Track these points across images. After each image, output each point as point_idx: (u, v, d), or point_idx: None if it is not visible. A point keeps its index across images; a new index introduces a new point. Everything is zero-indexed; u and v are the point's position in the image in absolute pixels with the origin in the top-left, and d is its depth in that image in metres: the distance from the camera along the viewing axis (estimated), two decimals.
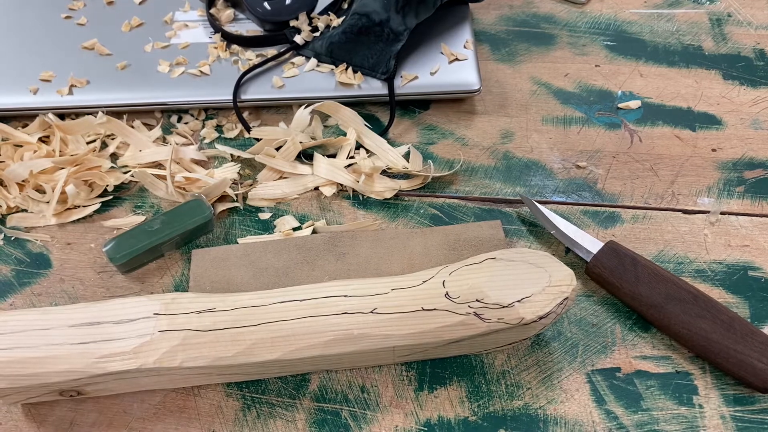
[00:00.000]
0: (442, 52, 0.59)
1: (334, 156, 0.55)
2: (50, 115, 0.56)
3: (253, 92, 0.58)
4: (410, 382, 0.44)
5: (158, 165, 0.55)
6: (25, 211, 0.52)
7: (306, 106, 0.56)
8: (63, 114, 0.57)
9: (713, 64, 0.62)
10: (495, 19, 0.67)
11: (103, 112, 0.56)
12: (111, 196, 0.54)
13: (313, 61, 0.59)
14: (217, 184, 0.52)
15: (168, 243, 0.49)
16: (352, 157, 0.55)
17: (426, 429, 0.43)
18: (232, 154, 0.55)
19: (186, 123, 0.58)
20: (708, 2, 0.68)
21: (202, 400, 0.44)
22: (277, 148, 0.55)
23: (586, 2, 0.68)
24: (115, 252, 0.48)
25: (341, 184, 0.54)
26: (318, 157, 0.54)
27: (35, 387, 0.40)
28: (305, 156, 0.55)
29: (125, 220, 0.52)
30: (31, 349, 0.39)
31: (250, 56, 0.60)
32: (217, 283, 0.48)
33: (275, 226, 0.52)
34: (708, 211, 0.52)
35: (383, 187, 0.53)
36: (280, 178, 0.55)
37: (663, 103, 0.59)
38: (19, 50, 0.60)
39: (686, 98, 0.60)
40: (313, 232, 0.51)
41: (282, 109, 0.59)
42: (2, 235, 0.51)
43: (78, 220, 0.52)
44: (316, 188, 0.54)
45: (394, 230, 0.51)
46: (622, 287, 0.46)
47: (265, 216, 0.53)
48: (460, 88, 0.58)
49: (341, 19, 0.60)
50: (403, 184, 0.54)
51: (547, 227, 0.50)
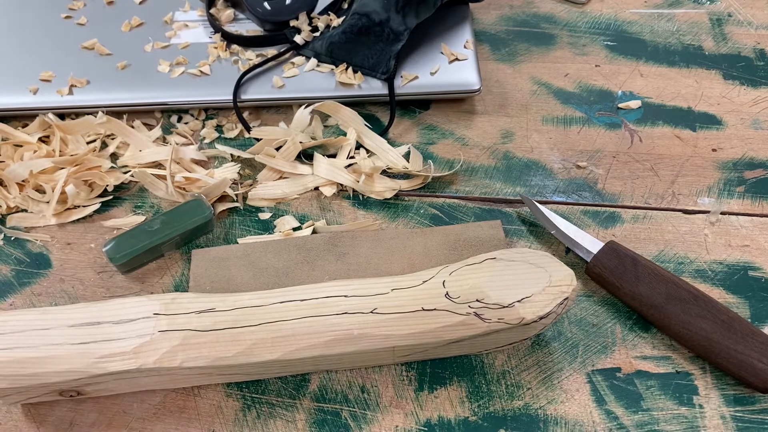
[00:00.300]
0: (442, 52, 0.59)
1: (334, 156, 0.55)
2: (50, 115, 0.56)
3: (253, 92, 0.58)
4: (410, 382, 0.44)
5: (158, 165, 0.55)
6: (25, 211, 0.52)
7: (306, 106, 0.56)
8: (63, 114, 0.57)
9: (713, 64, 0.62)
10: (495, 19, 0.66)
11: (103, 112, 0.56)
12: (111, 196, 0.53)
13: (313, 61, 0.59)
14: (217, 184, 0.52)
15: (168, 243, 0.49)
16: (352, 157, 0.55)
17: (426, 429, 0.43)
18: (232, 154, 0.55)
19: (186, 123, 0.58)
20: (708, 2, 0.68)
21: (202, 400, 0.44)
22: (277, 148, 0.55)
23: (586, 2, 0.68)
24: (115, 252, 0.48)
25: (341, 184, 0.54)
26: (318, 157, 0.54)
27: (35, 387, 0.40)
28: (305, 156, 0.55)
29: (125, 220, 0.52)
30: (31, 349, 0.39)
31: (250, 56, 0.60)
32: (217, 283, 0.48)
33: (275, 226, 0.52)
34: (708, 211, 0.52)
35: (383, 187, 0.53)
36: (280, 178, 0.55)
37: (663, 103, 0.59)
38: (19, 50, 0.60)
39: (686, 98, 0.60)
40: (313, 232, 0.51)
41: (282, 109, 0.59)
42: (2, 235, 0.51)
43: (78, 220, 0.52)
44: (316, 188, 0.54)
45: (394, 230, 0.51)
46: (623, 287, 0.46)
47: (265, 216, 0.53)
48: (460, 88, 0.58)
49: (341, 19, 0.60)
50: (403, 184, 0.54)
51: (548, 227, 0.50)
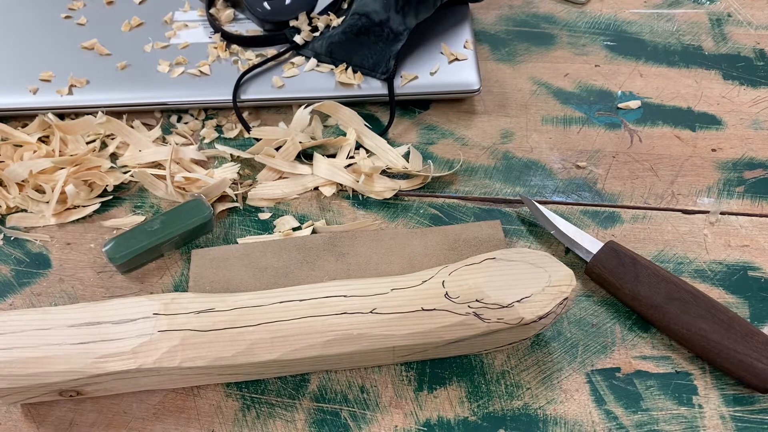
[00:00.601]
0: (441, 52, 0.59)
1: (333, 156, 0.55)
2: (50, 115, 0.56)
3: (253, 92, 0.58)
4: (410, 383, 0.44)
5: (158, 165, 0.55)
6: (25, 211, 0.52)
7: (306, 106, 0.56)
8: (63, 114, 0.57)
9: (713, 64, 0.62)
10: (495, 19, 0.66)
11: (103, 112, 0.56)
12: (111, 196, 0.53)
13: (313, 61, 0.59)
14: (217, 184, 0.52)
15: (168, 243, 0.49)
16: (352, 157, 0.55)
17: (426, 429, 0.43)
18: (231, 154, 0.55)
19: (186, 123, 0.58)
20: (708, 2, 0.68)
21: (202, 400, 0.44)
22: (277, 148, 0.55)
23: (586, 2, 0.68)
24: (115, 252, 0.48)
25: (341, 184, 0.54)
26: (318, 157, 0.54)
27: (35, 387, 0.40)
28: (305, 156, 0.55)
29: (125, 220, 0.52)
30: (31, 349, 0.39)
31: (250, 56, 0.60)
32: (217, 284, 0.48)
33: (275, 226, 0.52)
34: (708, 211, 0.52)
35: (383, 187, 0.53)
36: (280, 178, 0.55)
37: (663, 103, 0.59)
38: (19, 50, 0.60)
39: (686, 98, 0.60)
40: (313, 232, 0.51)
41: (282, 109, 0.59)
42: (2, 235, 0.51)
43: (77, 220, 0.52)
44: (316, 188, 0.54)
45: (394, 230, 0.51)
46: (622, 287, 0.46)
47: (264, 216, 0.53)
48: (459, 88, 0.58)
49: (341, 19, 0.60)
50: (403, 184, 0.54)
51: (547, 227, 0.50)
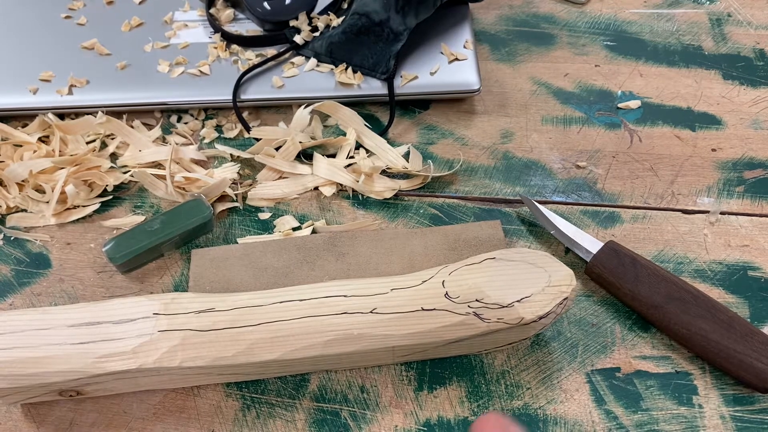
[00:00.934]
0: (441, 52, 0.59)
1: (333, 156, 0.55)
2: (50, 115, 0.56)
3: (253, 92, 0.58)
4: (410, 382, 0.44)
5: (158, 165, 0.55)
6: (25, 211, 0.52)
7: (306, 106, 0.56)
8: (63, 114, 0.57)
9: (713, 64, 0.62)
10: (495, 19, 0.66)
11: (103, 112, 0.56)
12: (111, 196, 0.53)
13: (313, 61, 0.59)
14: (217, 184, 0.52)
15: (168, 243, 0.49)
16: (352, 157, 0.55)
17: (426, 429, 0.43)
18: (231, 154, 0.55)
19: (186, 123, 0.58)
20: (708, 2, 0.68)
21: (202, 400, 0.44)
22: (277, 148, 0.55)
23: (585, 2, 0.68)
24: (115, 252, 0.48)
25: (341, 184, 0.54)
26: (318, 157, 0.54)
27: (35, 387, 0.40)
28: (305, 156, 0.55)
29: (125, 220, 0.52)
30: (31, 349, 0.39)
31: (250, 56, 0.60)
32: (217, 283, 0.48)
33: (275, 226, 0.52)
34: (708, 211, 0.52)
35: (383, 187, 0.53)
36: (280, 178, 0.55)
37: (663, 103, 0.59)
38: (19, 50, 0.60)
39: (686, 98, 0.60)
40: (313, 232, 0.51)
41: (282, 109, 0.59)
42: (2, 235, 0.51)
43: (77, 220, 0.52)
44: (316, 188, 0.54)
45: (394, 230, 0.51)
46: (622, 287, 0.46)
47: (264, 216, 0.53)
48: (459, 88, 0.58)
49: (341, 18, 0.60)
50: (403, 184, 0.54)
51: (547, 227, 0.50)
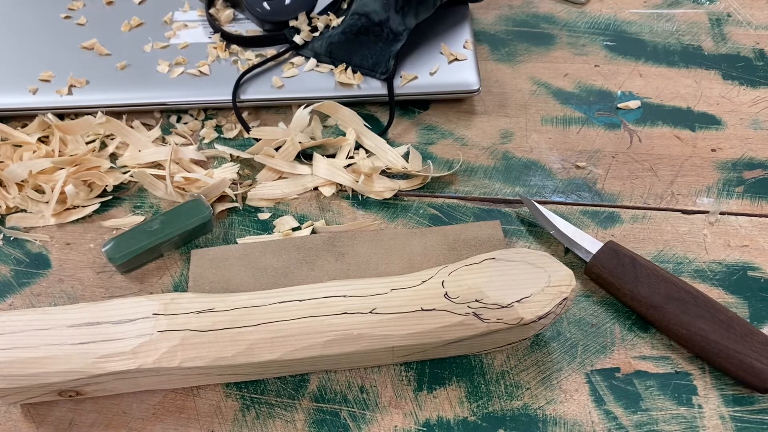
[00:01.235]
0: (441, 52, 0.59)
1: (333, 156, 0.55)
2: (49, 115, 0.56)
3: (253, 92, 0.58)
4: (409, 383, 0.44)
5: (157, 165, 0.55)
6: (25, 211, 0.52)
7: (305, 106, 0.56)
8: (62, 114, 0.57)
9: (713, 64, 0.62)
10: (495, 19, 0.66)
11: (103, 112, 0.56)
12: (110, 196, 0.53)
13: (313, 61, 0.59)
14: (217, 185, 0.52)
15: (167, 243, 0.49)
16: (352, 157, 0.55)
17: (425, 429, 0.43)
18: (231, 154, 0.55)
19: (185, 123, 0.58)
20: (708, 2, 0.68)
21: (201, 400, 0.44)
22: (277, 148, 0.55)
23: (585, 2, 0.68)
24: (115, 252, 0.48)
25: (340, 184, 0.54)
26: (317, 157, 0.54)
27: (34, 387, 0.40)
28: (304, 156, 0.55)
29: (124, 220, 0.52)
30: (31, 350, 0.39)
31: (250, 56, 0.60)
32: (217, 284, 0.48)
33: (274, 227, 0.52)
34: (707, 211, 0.52)
35: (382, 187, 0.53)
36: (280, 178, 0.55)
37: (662, 103, 0.59)
38: (19, 50, 0.60)
39: (686, 98, 0.60)
40: (313, 232, 0.51)
41: (281, 109, 0.59)
42: (1, 236, 0.51)
43: (77, 220, 0.52)
44: (316, 188, 0.54)
45: (394, 230, 0.51)
46: (622, 287, 0.46)
47: (264, 216, 0.53)
48: (459, 88, 0.58)
49: (341, 19, 0.60)
50: (403, 184, 0.54)
51: (547, 227, 0.50)
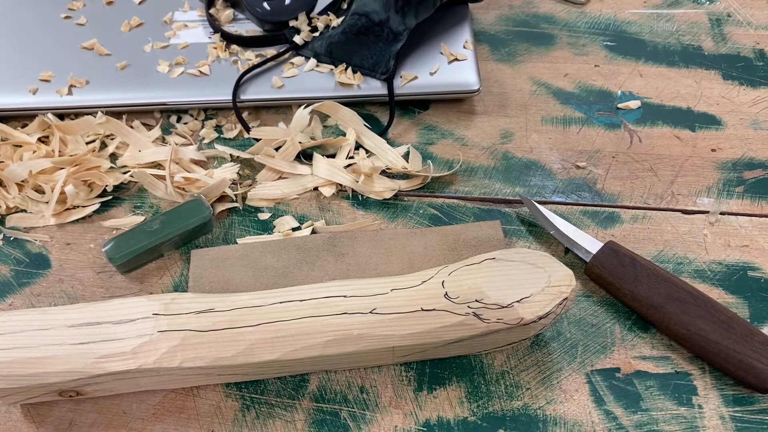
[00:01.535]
0: (441, 52, 0.59)
1: (333, 156, 0.55)
2: (49, 115, 0.56)
3: (253, 92, 0.58)
4: (409, 383, 0.44)
5: (157, 165, 0.55)
6: (25, 211, 0.52)
7: (305, 106, 0.56)
8: (62, 114, 0.57)
9: (713, 64, 0.62)
10: (495, 19, 0.66)
11: (103, 112, 0.56)
12: (110, 197, 0.53)
13: (313, 61, 0.59)
14: (217, 185, 0.52)
15: (167, 243, 0.49)
16: (352, 158, 0.55)
17: (425, 429, 0.43)
18: (231, 155, 0.55)
19: (185, 123, 0.58)
20: (708, 2, 0.68)
21: (201, 400, 0.44)
22: (277, 149, 0.55)
23: (585, 2, 0.68)
24: (115, 252, 0.48)
25: (340, 185, 0.54)
26: (317, 158, 0.54)
27: (34, 387, 0.40)
28: (305, 156, 0.55)
29: (124, 220, 0.52)
30: (31, 350, 0.39)
31: (250, 56, 0.60)
32: (217, 284, 0.48)
33: (274, 227, 0.52)
34: (707, 212, 0.52)
35: (382, 188, 0.53)
36: (280, 178, 0.55)
37: (662, 103, 0.59)
38: (19, 50, 0.60)
39: (686, 98, 0.60)
40: (313, 232, 0.51)
41: (281, 109, 0.59)
42: (2, 236, 0.51)
43: (77, 221, 0.52)
44: (316, 188, 0.54)
45: (394, 230, 0.51)
46: (622, 287, 0.46)
47: (264, 216, 0.53)
48: (459, 88, 0.58)
49: (341, 19, 0.60)
50: (403, 185, 0.54)
51: (547, 227, 0.50)
